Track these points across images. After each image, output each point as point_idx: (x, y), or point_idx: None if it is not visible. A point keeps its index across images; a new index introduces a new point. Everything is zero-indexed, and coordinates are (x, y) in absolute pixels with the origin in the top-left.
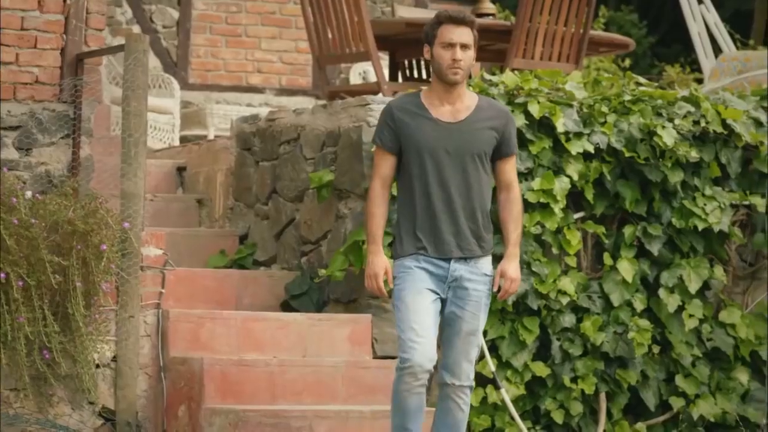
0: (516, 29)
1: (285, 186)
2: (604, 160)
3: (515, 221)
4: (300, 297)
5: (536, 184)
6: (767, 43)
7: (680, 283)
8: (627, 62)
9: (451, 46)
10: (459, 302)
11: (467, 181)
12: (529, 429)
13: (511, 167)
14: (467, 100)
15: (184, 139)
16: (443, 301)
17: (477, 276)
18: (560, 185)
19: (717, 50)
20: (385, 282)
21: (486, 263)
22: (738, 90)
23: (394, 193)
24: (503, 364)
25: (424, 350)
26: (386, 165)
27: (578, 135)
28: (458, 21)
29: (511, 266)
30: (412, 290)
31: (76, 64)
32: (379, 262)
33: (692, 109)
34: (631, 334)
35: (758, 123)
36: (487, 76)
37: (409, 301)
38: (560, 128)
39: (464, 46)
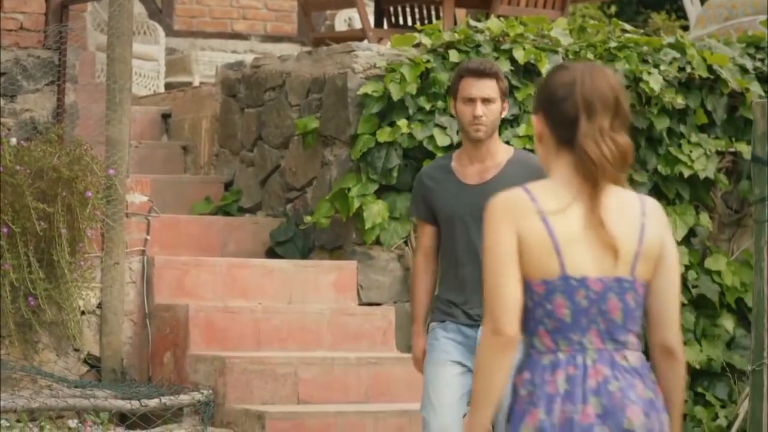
0: None
1: (270, 133)
2: None
3: None
4: (285, 244)
5: (522, 130)
6: None
7: None
8: (612, 9)
9: (471, 101)
10: None
11: None
12: None
13: None
14: (499, 156)
15: (169, 86)
16: None
17: None
18: None
19: None
20: None
21: None
22: (724, 37)
23: None
24: None
25: (439, 428)
26: (426, 235)
27: None
28: (479, 74)
29: None
30: (433, 363)
31: (60, 10)
32: (420, 344)
33: (678, 56)
34: None
35: (744, 70)
36: (473, 23)
37: (429, 374)
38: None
39: (486, 101)
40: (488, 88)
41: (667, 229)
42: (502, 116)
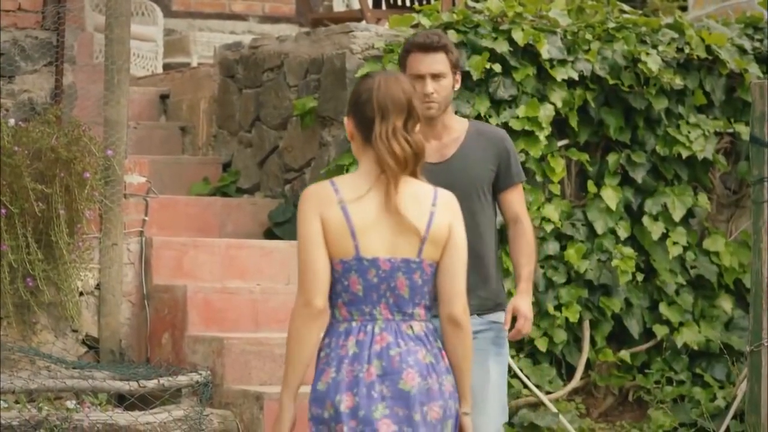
0: None
1: (268, 113)
2: (588, 87)
3: (527, 255)
4: (283, 224)
5: (521, 111)
6: None
7: (664, 210)
8: None
9: (420, 77)
10: None
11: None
12: (512, 357)
13: (516, 198)
14: (456, 131)
15: (167, 67)
16: None
17: (480, 326)
18: (545, 112)
19: None
20: None
21: (495, 315)
22: (722, 17)
23: None
24: None
25: None
26: None
27: (562, 62)
28: (426, 48)
29: (524, 303)
30: None
31: None
32: None
33: (676, 36)
34: (615, 262)
35: (742, 50)
36: (471, 3)
37: None
38: (545, 55)
39: (436, 76)
40: (437, 62)
41: (457, 217)
42: (456, 89)
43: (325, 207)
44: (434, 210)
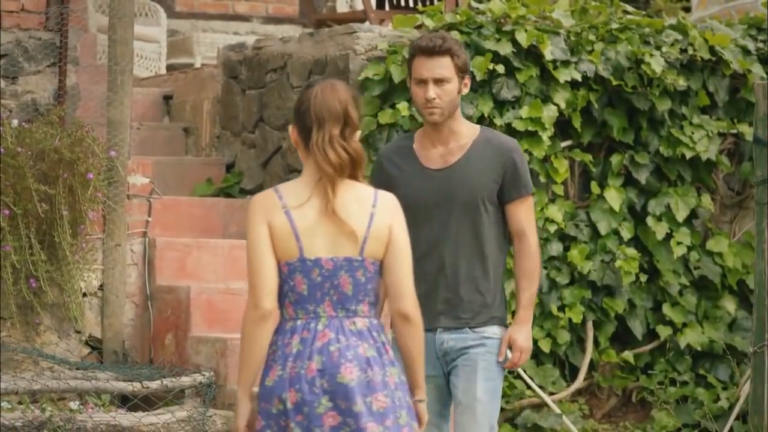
0: None
1: (272, 114)
2: (592, 88)
3: (528, 278)
4: None
5: (524, 112)
6: None
7: (668, 211)
8: None
9: (423, 82)
10: (454, 370)
11: (463, 237)
12: None
13: (522, 212)
14: (464, 137)
15: (170, 68)
16: (447, 376)
17: (473, 341)
18: (548, 113)
19: None
20: None
21: (489, 329)
22: (725, 18)
23: None
24: None
25: None
26: None
27: (565, 63)
28: (429, 52)
29: (522, 334)
30: None
31: None
32: None
33: (680, 37)
34: (618, 263)
35: (746, 51)
36: (474, 4)
37: None
38: (548, 56)
39: (439, 81)
40: (440, 67)
41: (397, 218)
42: (463, 93)
43: (271, 213)
44: (374, 211)
